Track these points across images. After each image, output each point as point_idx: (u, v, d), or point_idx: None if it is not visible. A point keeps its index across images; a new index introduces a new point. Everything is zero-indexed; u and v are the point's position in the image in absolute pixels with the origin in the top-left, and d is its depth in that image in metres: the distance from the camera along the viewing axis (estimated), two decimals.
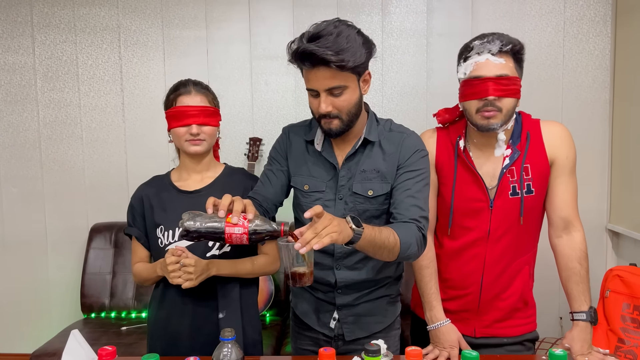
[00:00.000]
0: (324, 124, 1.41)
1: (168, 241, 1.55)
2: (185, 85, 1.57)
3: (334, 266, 1.51)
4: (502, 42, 1.43)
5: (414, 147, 1.46)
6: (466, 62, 1.49)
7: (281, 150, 1.57)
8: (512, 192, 1.51)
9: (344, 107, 1.38)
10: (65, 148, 2.97)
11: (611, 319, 2.26)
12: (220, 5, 2.89)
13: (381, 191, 1.45)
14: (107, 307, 2.77)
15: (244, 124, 2.93)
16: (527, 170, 1.51)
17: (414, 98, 2.87)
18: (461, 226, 1.56)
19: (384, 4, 2.86)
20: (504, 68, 1.44)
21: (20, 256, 3.00)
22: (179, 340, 1.55)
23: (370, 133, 1.47)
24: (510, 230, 1.53)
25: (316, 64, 1.31)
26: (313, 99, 1.41)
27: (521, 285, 1.59)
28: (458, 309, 1.60)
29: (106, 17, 2.91)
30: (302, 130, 1.56)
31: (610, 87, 2.80)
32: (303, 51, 1.31)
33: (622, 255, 2.79)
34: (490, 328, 1.60)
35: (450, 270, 1.60)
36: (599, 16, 2.79)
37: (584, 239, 1.56)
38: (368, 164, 1.46)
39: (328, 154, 1.49)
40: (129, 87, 2.94)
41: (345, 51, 1.30)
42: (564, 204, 1.54)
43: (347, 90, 1.36)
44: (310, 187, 1.50)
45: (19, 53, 2.93)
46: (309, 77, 1.37)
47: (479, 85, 1.44)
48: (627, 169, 2.69)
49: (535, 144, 1.53)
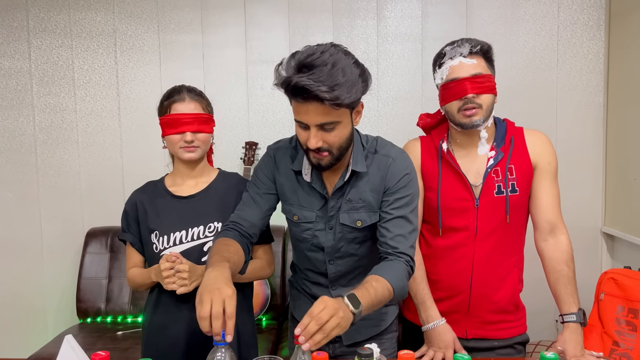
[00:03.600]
0: (313, 157, 1.33)
1: (163, 246, 1.55)
2: (179, 92, 1.56)
3: (329, 286, 1.53)
4: (471, 44, 1.52)
5: (401, 173, 1.41)
6: (441, 67, 1.56)
7: (268, 173, 1.49)
8: (497, 191, 1.56)
9: (336, 142, 1.30)
10: (61, 153, 2.97)
11: (606, 321, 2.27)
12: (216, 10, 2.89)
13: (370, 221, 1.43)
14: (103, 311, 2.77)
15: (239, 128, 2.93)
16: (512, 170, 1.57)
17: (409, 102, 2.88)
18: (448, 226, 1.59)
19: (379, 9, 2.87)
20: (477, 67, 1.52)
21: (16, 261, 2.99)
22: (173, 345, 1.55)
23: (357, 163, 1.40)
24: (497, 229, 1.57)
25: (309, 99, 1.21)
26: (302, 130, 1.31)
27: (511, 287, 1.61)
28: (448, 310, 1.61)
29: (102, 22, 2.91)
30: (288, 154, 1.48)
31: (604, 90, 2.81)
32: (295, 85, 1.19)
33: (616, 258, 2.80)
34: (481, 329, 1.61)
35: (439, 271, 1.62)
36: (592, 20, 2.80)
37: (569, 241, 1.60)
38: (354, 193, 1.42)
39: (317, 184, 1.43)
40: (125, 91, 2.95)
41: (341, 86, 1.19)
42: (548, 207, 1.59)
43: (340, 125, 1.28)
44: (299, 217, 1.47)
45: (14, 58, 2.93)
46: (299, 110, 1.27)
47: (457, 87, 1.51)
48: (621, 171, 2.70)
49: (519, 147, 1.59)
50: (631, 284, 2.24)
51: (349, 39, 2.87)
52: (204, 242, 1.55)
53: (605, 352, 2.21)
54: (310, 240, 1.49)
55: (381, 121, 2.89)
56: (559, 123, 2.84)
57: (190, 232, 1.55)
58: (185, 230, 1.55)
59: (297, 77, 1.19)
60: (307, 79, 1.18)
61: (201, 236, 1.56)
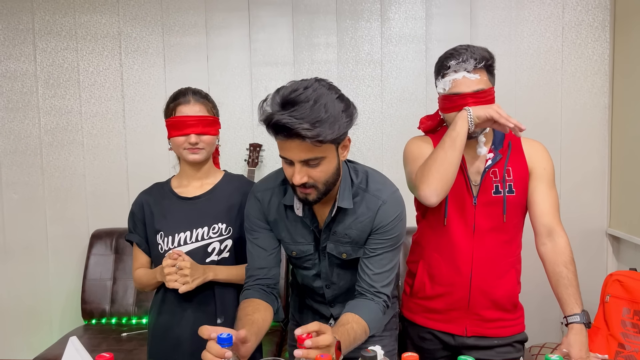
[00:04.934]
0: (300, 193, 1.32)
1: (168, 247, 1.57)
2: (184, 94, 1.58)
3: (328, 304, 1.57)
4: (475, 59, 1.54)
5: (391, 216, 1.40)
6: (444, 78, 1.58)
7: (258, 214, 1.47)
8: (495, 191, 1.61)
9: (321, 178, 1.29)
10: (66, 154, 2.98)
11: (611, 324, 2.26)
12: (220, 12, 2.90)
13: (355, 255, 1.45)
14: (108, 313, 2.77)
15: (244, 129, 2.94)
16: (509, 172, 1.62)
17: (413, 103, 2.88)
18: (452, 220, 1.63)
19: (383, 10, 2.87)
20: (480, 83, 1.55)
21: (21, 262, 3.00)
22: (178, 346, 1.56)
23: (344, 199, 1.38)
24: (494, 228, 1.61)
25: (290, 136, 1.19)
26: (287, 166, 1.30)
27: (509, 287, 1.64)
28: (447, 308, 1.65)
29: (107, 25, 2.93)
30: (277, 191, 1.46)
31: (609, 92, 2.80)
32: (276, 123, 1.18)
33: (622, 260, 2.79)
34: (481, 327, 1.64)
35: (439, 265, 1.65)
36: (597, 21, 2.79)
37: (568, 244, 1.62)
38: (340, 227, 1.42)
39: (308, 219, 1.43)
40: (129, 93, 2.96)
41: (322, 123, 1.18)
42: (544, 211, 1.62)
43: (324, 160, 1.27)
44: (298, 253, 1.49)
45: (20, 60, 2.95)
46: (283, 147, 1.26)
47: (459, 100, 1.55)
48: (626, 173, 2.68)
49: (516, 151, 1.66)
50: (637, 286, 2.23)
51: (352, 41, 2.87)
52: (209, 242, 1.57)
53: (611, 355, 2.20)
54: (311, 269, 1.52)
55: (385, 123, 2.89)
56: (564, 124, 2.83)
57: (195, 232, 1.57)
58: (190, 231, 1.57)
59: (279, 114, 1.18)
60: (289, 116, 1.17)
61: (206, 237, 1.57)
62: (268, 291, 1.45)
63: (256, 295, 1.42)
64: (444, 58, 1.59)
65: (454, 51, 1.57)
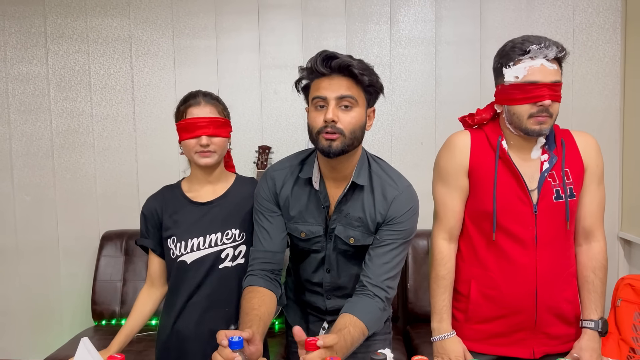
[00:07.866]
0: (324, 139, 1.33)
1: (180, 252, 1.56)
2: (195, 96, 1.56)
3: (324, 295, 1.55)
4: (558, 48, 1.41)
5: (404, 208, 1.41)
6: (517, 65, 1.42)
7: (268, 195, 1.49)
8: (556, 196, 1.48)
9: (349, 125, 1.33)
10: (77, 156, 3.00)
11: (623, 328, 2.24)
12: (230, 15, 2.92)
13: (363, 242, 1.44)
14: (118, 314, 2.79)
15: (253, 132, 2.94)
16: (568, 174, 1.49)
17: (422, 106, 2.87)
18: (506, 232, 1.49)
19: (393, 13, 2.87)
20: (557, 74, 1.43)
21: (33, 263, 3.03)
22: (188, 349, 1.56)
23: (359, 176, 1.41)
24: (557, 237, 1.50)
25: (335, 70, 1.32)
26: (316, 112, 1.35)
27: (573, 298, 1.55)
28: (510, 330, 1.52)
29: (118, 28, 2.95)
30: (294, 169, 1.48)
31: (621, 94, 2.78)
32: (326, 55, 1.32)
33: (634, 264, 2.76)
34: (548, 346, 1.53)
35: (498, 286, 1.50)
36: (608, 23, 2.77)
37: (604, 250, 1.55)
38: (354, 208, 1.42)
39: (323, 195, 1.45)
40: (140, 96, 2.98)
41: (367, 69, 1.34)
42: (588, 213, 1.54)
43: (356, 108, 1.34)
44: (307, 234, 1.48)
45: (32, 63, 2.98)
46: (322, 85, 1.34)
47: (535, 91, 1.40)
48: (638, 176, 2.66)
49: (571, 149, 1.53)
50: None
51: (362, 43, 2.87)
52: (222, 248, 1.55)
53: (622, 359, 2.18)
54: (318, 253, 1.50)
55: (394, 125, 2.88)
56: (575, 127, 2.76)
57: (208, 238, 1.55)
58: (203, 237, 1.55)
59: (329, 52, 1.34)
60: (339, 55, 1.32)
61: (219, 243, 1.55)
62: (272, 277, 1.45)
63: (260, 283, 1.42)
64: (520, 42, 1.43)
65: (530, 36, 1.43)
